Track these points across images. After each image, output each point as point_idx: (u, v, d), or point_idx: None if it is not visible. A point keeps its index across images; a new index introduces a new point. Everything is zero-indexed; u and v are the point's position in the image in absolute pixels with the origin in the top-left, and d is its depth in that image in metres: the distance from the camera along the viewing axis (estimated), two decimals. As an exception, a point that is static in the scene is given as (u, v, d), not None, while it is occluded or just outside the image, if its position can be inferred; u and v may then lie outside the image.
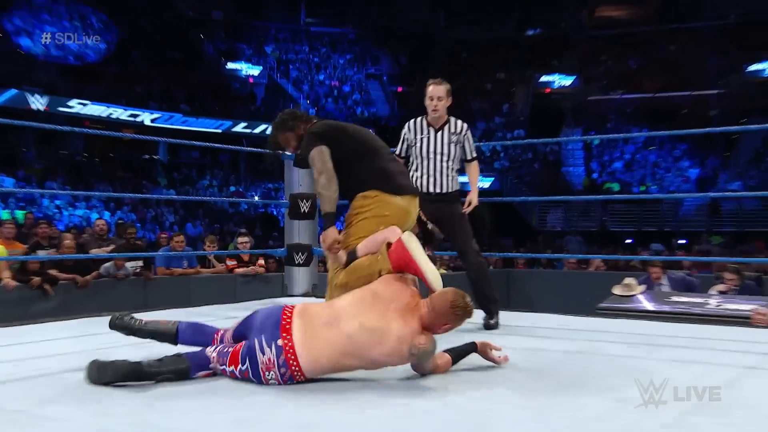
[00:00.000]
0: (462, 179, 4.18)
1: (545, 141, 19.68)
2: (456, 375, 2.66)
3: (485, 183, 21.02)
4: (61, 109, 19.78)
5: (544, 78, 27.64)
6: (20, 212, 14.26)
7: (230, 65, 26.16)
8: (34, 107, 18.94)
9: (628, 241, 18.08)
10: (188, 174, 22.63)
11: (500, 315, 4.04)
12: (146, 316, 2.81)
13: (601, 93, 26.39)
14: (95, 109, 20.49)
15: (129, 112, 21.15)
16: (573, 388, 2.48)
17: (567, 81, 27.43)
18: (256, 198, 21.55)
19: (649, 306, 5.36)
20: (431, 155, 4.12)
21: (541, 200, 21.95)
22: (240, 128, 22.97)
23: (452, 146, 4.13)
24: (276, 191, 21.70)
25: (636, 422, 2.08)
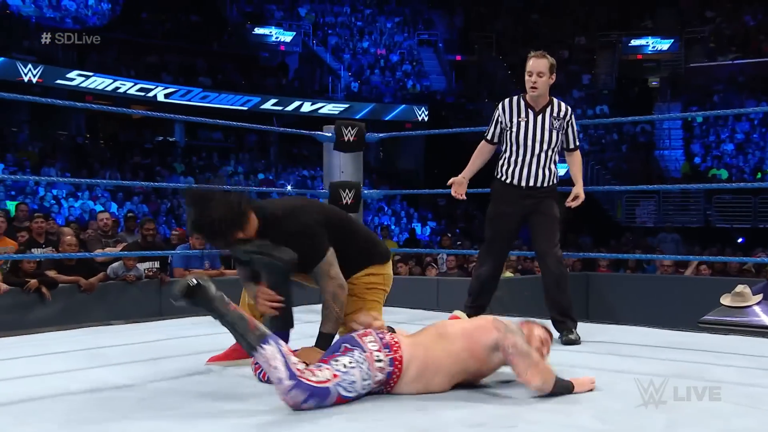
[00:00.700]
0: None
1: (635, 119, 19.48)
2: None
3: (561, 170, 20.77)
4: (60, 82, 19.91)
5: (634, 42, 27.19)
6: (11, 203, 14.11)
7: (258, 30, 26.35)
8: (27, 79, 18.96)
9: (740, 241, 17.76)
10: (209, 159, 22.85)
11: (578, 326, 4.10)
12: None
13: (707, 58, 25.82)
14: (99, 82, 20.58)
15: (139, 86, 21.31)
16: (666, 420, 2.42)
17: (663, 45, 26.93)
18: (289, 188, 21.68)
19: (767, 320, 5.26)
20: (529, 142, 4.14)
21: (629, 190, 21.60)
22: (269, 105, 23.09)
23: (554, 132, 4.15)
24: (312, 179, 21.82)
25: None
